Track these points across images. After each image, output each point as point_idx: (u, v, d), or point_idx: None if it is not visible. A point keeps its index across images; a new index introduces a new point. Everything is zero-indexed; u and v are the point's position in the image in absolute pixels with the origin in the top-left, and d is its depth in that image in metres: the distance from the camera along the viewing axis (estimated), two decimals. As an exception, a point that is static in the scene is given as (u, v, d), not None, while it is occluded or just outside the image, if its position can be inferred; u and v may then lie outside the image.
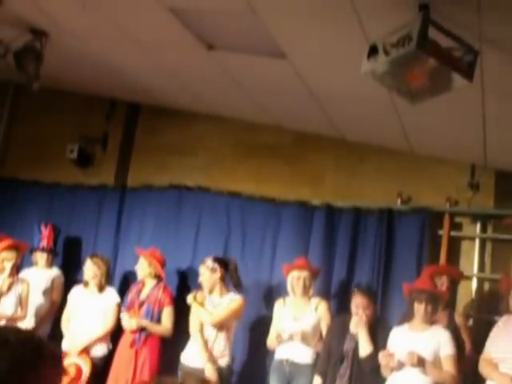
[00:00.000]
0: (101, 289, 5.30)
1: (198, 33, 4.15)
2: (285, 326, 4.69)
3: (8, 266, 5.14)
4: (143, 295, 5.21)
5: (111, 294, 5.32)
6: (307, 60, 4.08)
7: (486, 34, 2.93)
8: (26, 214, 6.06)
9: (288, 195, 5.60)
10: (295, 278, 4.78)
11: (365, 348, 4.28)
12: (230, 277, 4.90)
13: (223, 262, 4.94)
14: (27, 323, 5.20)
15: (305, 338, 4.59)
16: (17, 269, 5.35)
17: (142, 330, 5.04)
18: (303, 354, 4.60)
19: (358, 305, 4.40)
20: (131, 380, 4.91)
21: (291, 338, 4.60)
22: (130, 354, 4.97)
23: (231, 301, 4.80)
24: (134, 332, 5.02)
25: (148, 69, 5.04)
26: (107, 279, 5.36)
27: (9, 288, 5.14)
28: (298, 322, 4.69)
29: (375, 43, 2.87)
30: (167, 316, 5.11)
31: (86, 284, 5.34)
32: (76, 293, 5.36)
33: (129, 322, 5.04)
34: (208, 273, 4.86)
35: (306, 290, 4.78)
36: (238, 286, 4.90)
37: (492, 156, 4.97)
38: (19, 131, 6.46)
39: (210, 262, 4.88)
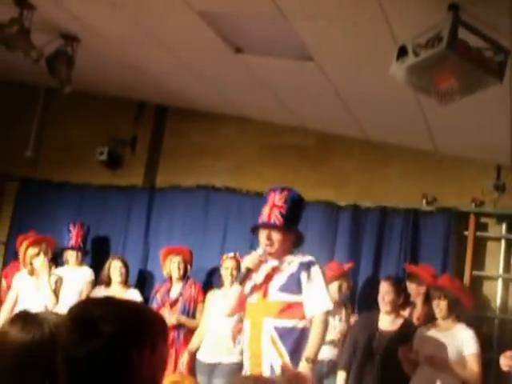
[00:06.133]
0: (125, 288, 5.43)
1: (225, 36, 4.22)
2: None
3: (37, 262, 5.14)
4: (173, 294, 5.28)
5: (134, 294, 5.40)
6: (334, 62, 4.13)
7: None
8: (57, 215, 6.16)
9: (313, 196, 5.62)
10: (336, 289, 4.84)
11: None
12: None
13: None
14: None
15: None
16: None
17: (179, 327, 5.09)
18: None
19: (382, 292, 4.43)
20: None
21: (332, 342, 4.69)
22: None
23: None
24: (171, 329, 5.01)
25: (176, 71, 5.12)
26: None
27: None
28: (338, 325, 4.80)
29: (404, 44, 2.92)
30: (201, 312, 5.18)
31: (108, 284, 5.45)
32: (99, 292, 5.42)
33: (168, 318, 5.07)
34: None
35: None
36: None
37: (518, 157, 4.97)
38: (50, 134, 6.58)
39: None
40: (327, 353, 4.68)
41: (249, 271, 3.54)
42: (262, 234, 3.59)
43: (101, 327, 1.28)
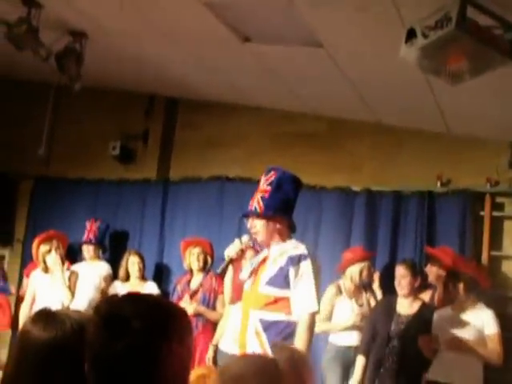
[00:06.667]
0: (143, 282, 5.48)
1: (233, 25, 4.20)
2: (347, 314, 4.76)
3: (49, 259, 5.19)
4: (193, 285, 5.31)
5: (152, 286, 5.45)
6: (343, 47, 4.11)
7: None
8: (73, 212, 6.23)
9: (327, 183, 5.64)
10: (357, 272, 4.84)
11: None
12: None
13: None
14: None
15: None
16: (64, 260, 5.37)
17: (198, 317, 5.11)
18: None
19: (398, 276, 4.43)
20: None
21: (354, 326, 4.71)
22: None
23: None
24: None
25: (185, 63, 5.12)
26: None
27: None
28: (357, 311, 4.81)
29: (413, 27, 2.89)
30: (222, 303, 5.18)
31: (127, 278, 5.48)
32: (117, 287, 5.49)
33: (187, 308, 5.10)
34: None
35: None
36: None
37: (532, 134, 4.93)
38: (62, 131, 6.60)
39: None
40: (354, 338, 4.70)
41: (231, 261, 3.44)
42: (248, 222, 3.46)
43: (132, 324, 1.29)
